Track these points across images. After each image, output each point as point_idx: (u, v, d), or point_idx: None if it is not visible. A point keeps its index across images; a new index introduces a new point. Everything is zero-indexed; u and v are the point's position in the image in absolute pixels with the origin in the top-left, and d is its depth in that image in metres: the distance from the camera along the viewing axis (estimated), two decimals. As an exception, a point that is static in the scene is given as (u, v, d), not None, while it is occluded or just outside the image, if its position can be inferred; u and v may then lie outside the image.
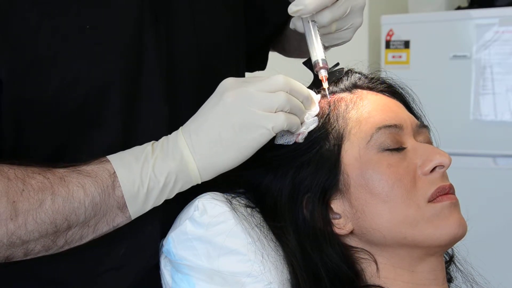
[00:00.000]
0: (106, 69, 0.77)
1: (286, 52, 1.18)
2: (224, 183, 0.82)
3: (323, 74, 0.82)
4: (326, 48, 0.85)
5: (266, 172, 0.82)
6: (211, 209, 0.81)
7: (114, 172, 0.74)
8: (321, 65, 0.82)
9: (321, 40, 0.83)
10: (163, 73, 0.83)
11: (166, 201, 0.77)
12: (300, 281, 0.77)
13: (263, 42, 1.13)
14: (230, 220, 0.80)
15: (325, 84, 0.82)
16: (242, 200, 0.84)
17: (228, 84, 0.76)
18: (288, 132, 0.79)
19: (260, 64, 1.17)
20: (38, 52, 0.74)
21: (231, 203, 0.82)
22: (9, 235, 0.70)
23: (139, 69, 0.80)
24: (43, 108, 0.75)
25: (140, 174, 0.74)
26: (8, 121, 0.75)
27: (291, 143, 0.79)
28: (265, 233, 0.81)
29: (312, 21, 0.83)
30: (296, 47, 1.11)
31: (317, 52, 0.82)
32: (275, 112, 0.74)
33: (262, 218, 0.82)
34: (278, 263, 0.79)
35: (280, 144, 0.80)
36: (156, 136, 0.78)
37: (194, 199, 0.82)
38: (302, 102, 0.78)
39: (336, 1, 0.81)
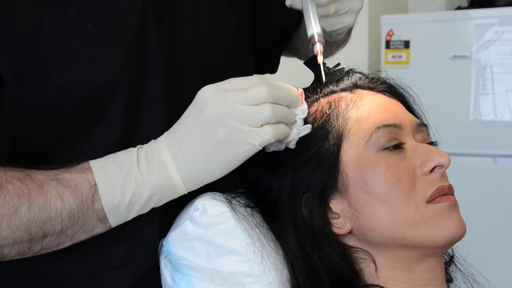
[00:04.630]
0: (108, 68, 0.77)
1: (301, 54, 1.16)
2: (224, 184, 0.82)
3: (318, 48, 0.81)
4: (327, 33, 0.84)
5: (266, 171, 0.82)
6: (211, 209, 0.81)
7: (95, 184, 0.73)
8: (316, 39, 0.81)
9: (321, 23, 0.82)
10: (165, 72, 0.82)
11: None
12: (300, 281, 0.77)
13: (273, 46, 1.12)
14: (230, 220, 0.80)
15: (320, 58, 0.81)
16: (242, 200, 0.84)
17: (207, 95, 0.72)
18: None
19: (270, 68, 1.16)
20: (40, 51, 0.74)
21: (231, 203, 0.82)
22: None
23: (142, 68, 0.80)
24: (44, 106, 0.75)
25: (121, 187, 0.73)
26: (8, 118, 0.75)
27: (282, 149, 0.77)
28: (265, 233, 0.81)
29: None
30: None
31: (313, 26, 0.82)
32: (260, 126, 0.72)
33: (262, 218, 0.83)
34: (278, 263, 0.79)
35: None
36: (156, 135, 0.78)
37: (194, 199, 0.82)
38: (288, 106, 0.74)
39: None
